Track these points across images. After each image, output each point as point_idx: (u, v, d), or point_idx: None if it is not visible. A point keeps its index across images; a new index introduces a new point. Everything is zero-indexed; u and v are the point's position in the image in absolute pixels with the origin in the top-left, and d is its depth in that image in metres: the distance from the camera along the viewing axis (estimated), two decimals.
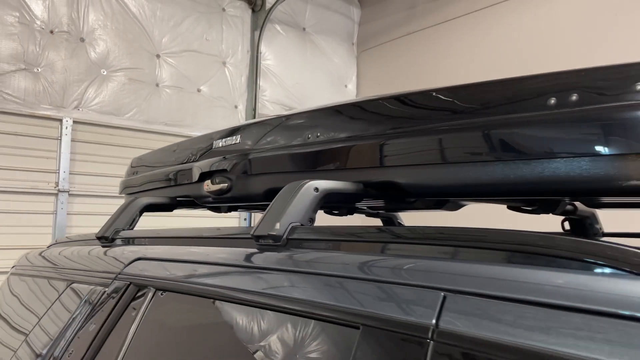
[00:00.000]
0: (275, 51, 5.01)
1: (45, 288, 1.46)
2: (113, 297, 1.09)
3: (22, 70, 3.67)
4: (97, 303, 1.12)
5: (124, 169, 1.88)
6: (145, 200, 1.48)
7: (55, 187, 3.79)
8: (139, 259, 1.13)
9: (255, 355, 0.73)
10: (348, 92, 5.57)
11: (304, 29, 5.26)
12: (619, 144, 0.64)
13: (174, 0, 4.41)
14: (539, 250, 0.53)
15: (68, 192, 3.83)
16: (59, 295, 1.34)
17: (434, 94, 0.83)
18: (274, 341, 0.71)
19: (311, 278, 0.71)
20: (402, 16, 5.24)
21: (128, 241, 1.36)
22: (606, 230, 1.28)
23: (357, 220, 1.35)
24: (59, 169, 3.80)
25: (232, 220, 4.37)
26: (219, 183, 1.27)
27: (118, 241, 1.38)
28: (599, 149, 0.65)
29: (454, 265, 0.55)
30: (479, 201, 1.09)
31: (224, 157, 1.29)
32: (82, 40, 3.94)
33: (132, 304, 1.03)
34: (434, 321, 0.51)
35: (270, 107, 4.93)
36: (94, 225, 1.61)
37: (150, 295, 1.00)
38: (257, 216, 2.98)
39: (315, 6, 5.32)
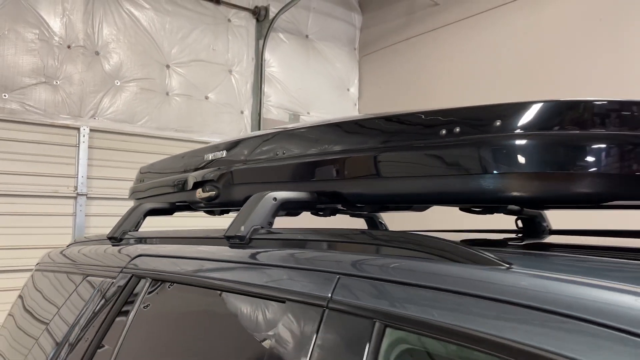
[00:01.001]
0: (279, 58, 5.21)
1: (64, 282, 1.70)
2: (119, 287, 1.33)
3: (43, 84, 3.92)
4: (106, 292, 1.36)
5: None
6: (149, 205, 1.71)
7: (74, 191, 4.02)
8: (140, 255, 1.37)
9: (221, 322, 0.96)
10: (350, 96, 5.75)
11: (306, 36, 5.44)
12: (490, 165, 0.85)
13: (182, 13, 4.64)
14: (404, 245, 0.75)
15: (86, 195, 4.06)
16: (76, 287, 1.58)
17: (359, 122, 1.05)
18: (235, 313, 0.94)
19: (263, 268, 0.93)
20: (402, 21, 5.40)
21: (133, 241, 1.59)
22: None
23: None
24: (77, 174, 4.03)
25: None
26: (209, 191, 1.50)
27: (125, 241, 1.62)
28: (475, 168, 0.85)
29: (347, 257, 0.77)
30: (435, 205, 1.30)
31: (218, 168, 1.51)
32: (97, 53, 4.19)
33: (133, 291, 1.26)
34: (330, 295, 0.73)
35: (275, 112, 5.14)
36: (111, 225, 1.75)
37: (147, 284, 1.23)
38: None
39: (318, 14, 5.49)
